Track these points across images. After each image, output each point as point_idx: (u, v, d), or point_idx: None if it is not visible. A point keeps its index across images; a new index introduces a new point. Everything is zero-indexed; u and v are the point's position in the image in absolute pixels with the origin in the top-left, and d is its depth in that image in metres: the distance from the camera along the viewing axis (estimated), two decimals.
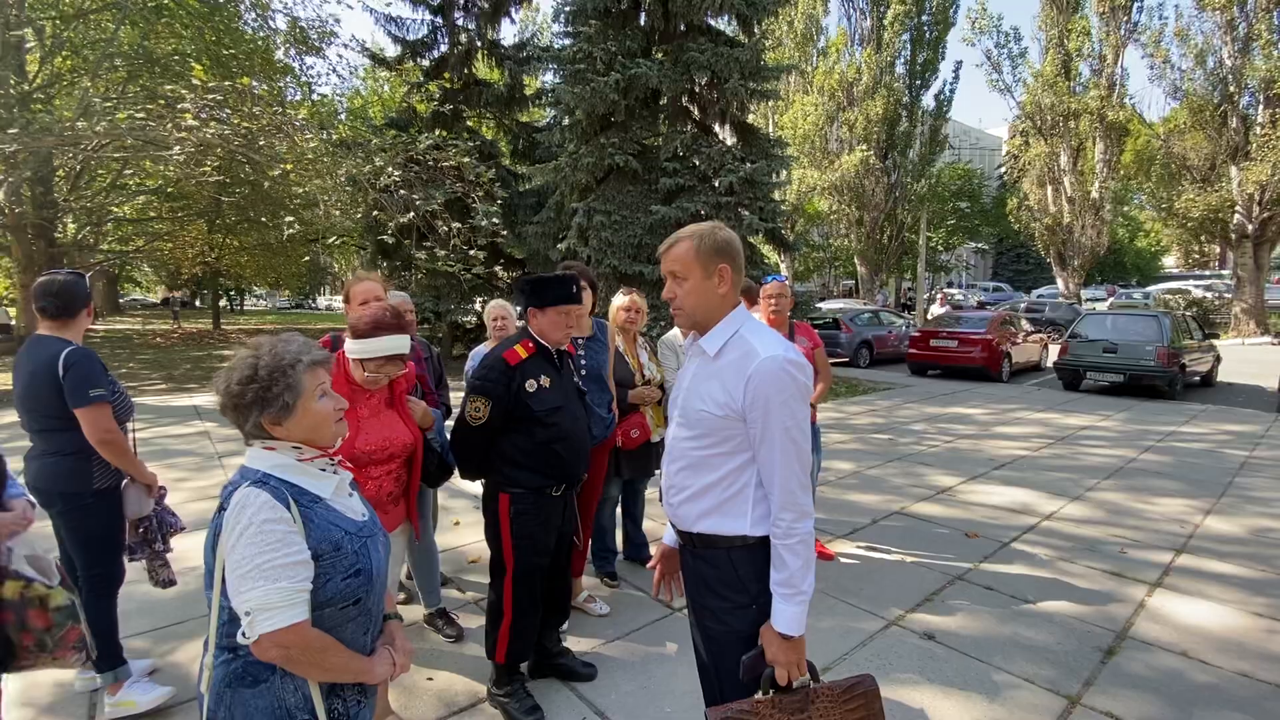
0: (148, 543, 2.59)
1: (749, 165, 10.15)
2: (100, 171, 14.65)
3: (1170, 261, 44.66)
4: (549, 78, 15.58)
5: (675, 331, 3.79)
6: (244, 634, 1.16)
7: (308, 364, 1.27)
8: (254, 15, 13.68)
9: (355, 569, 1.25)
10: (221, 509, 1.21)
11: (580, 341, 3.13)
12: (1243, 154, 18.93)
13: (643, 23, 10.74)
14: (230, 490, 1.22)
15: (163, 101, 8.81)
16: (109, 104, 9.46)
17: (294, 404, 1.25)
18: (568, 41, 11.17)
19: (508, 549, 2.39)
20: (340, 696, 1.28)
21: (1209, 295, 24.15)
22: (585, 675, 2.68)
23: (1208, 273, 32.93)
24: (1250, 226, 19.29)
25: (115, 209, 16.78)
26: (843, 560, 3.95)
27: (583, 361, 3.10)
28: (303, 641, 1.16)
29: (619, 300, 3.55)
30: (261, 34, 13.74)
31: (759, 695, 1.44)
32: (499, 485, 2.40)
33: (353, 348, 2.15)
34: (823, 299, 23.80)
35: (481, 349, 3.52)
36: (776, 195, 11.51)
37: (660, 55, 10.49)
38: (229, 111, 8.59)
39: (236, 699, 1.20)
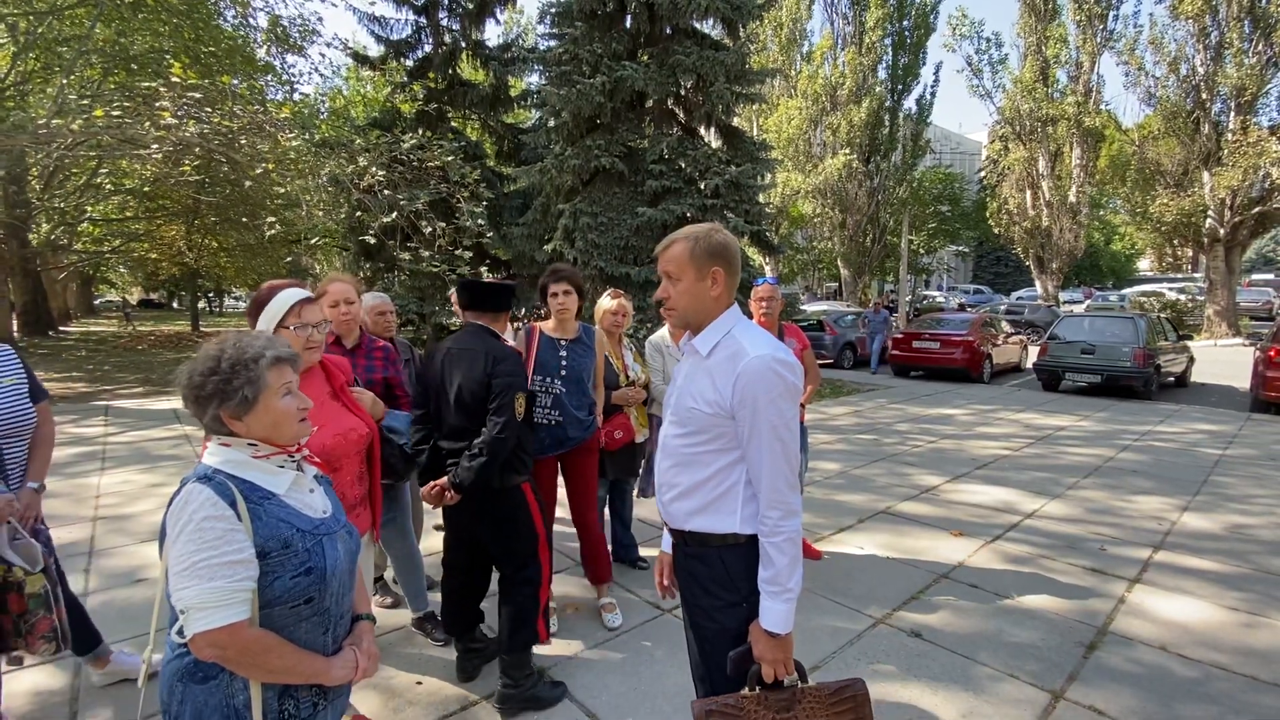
0: None
1: (734, 168, 10.19)
2: (75, 171, 14.37)
3: (1145, 265, 45.58)
4: (534, 79, 15.54)
5: (663, 332, 3.79)
6: (179, 632, 1.16)
7: (271, 359, 1.26)
8: (234, 13, 13.52)
9: (305, 567, 1.23)
10: (170, 503, 1.20)
11: (563, 343, 3.10)
12: (1215, 159, 19.37)
13: (628, 25, 10.74)
14: (181, 485, 1.21)
15: (140, 99, 8.67)
16: (85, 101, 9.28)
17: (254, 399, 1.23)
18: (553, 43, 11.15)
19: (539, 522, 2.60)
20: (293, 698, 1.25)
21: (1183, 298, 24.66)
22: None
23: (1181, 276, 33.62)
24: (1222, 231, 19.74)
25: (90, 208, 16.47)
26: (830, 559, 3.98)
27: (564, 363, 3.06)
28: (239, 642, 1.14)
29: (606, 303, 3.54)
30: (242, 32, 13.57)
31: (745, 691, 1.45)
32: (517, 476, 2.52)
33: (267, 320, 1.92)
34: (805, 302, 23.98)
35: None
36: (761, 198, 11.57)
37: (646, 58, 10.50)
38: (209, 110, 8.46)
39: (188, 694, 1.19)
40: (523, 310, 13.32)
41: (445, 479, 2.41)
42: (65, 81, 10.21)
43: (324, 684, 1.28)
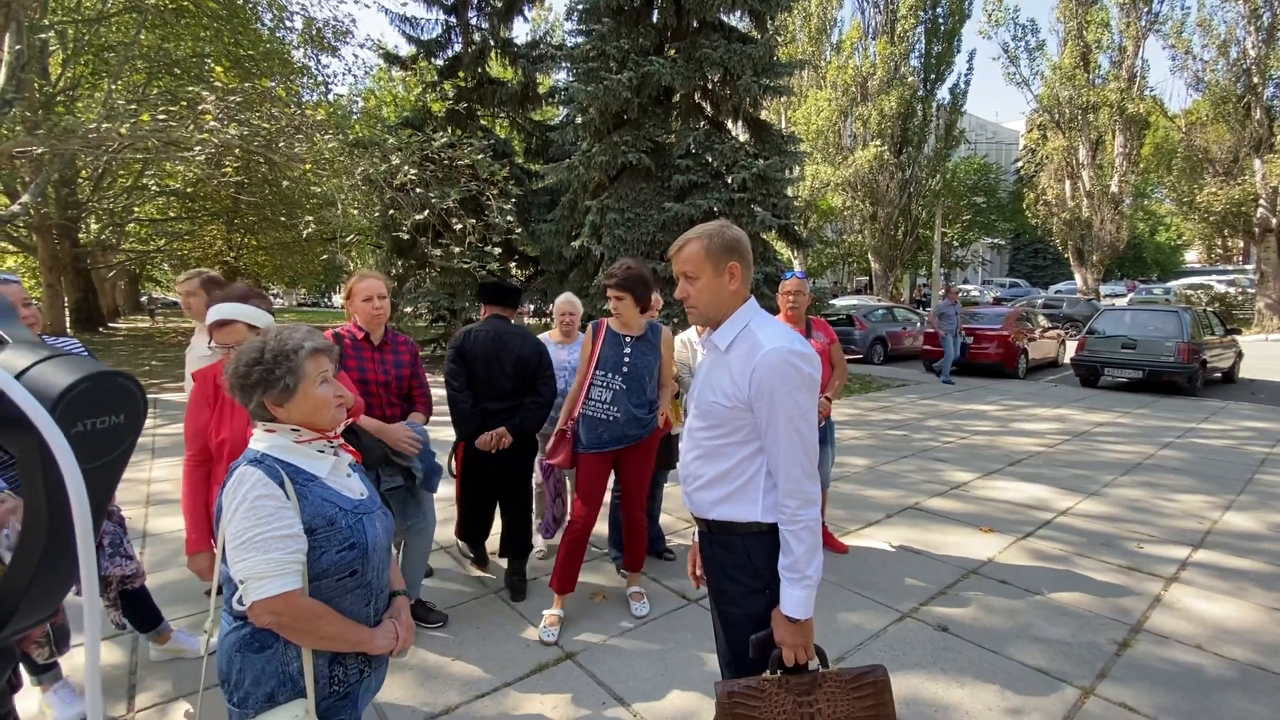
0: None
1: (762, 161, 10.15)
2: (122, 173, 14.93)
3: (1192, 256, 43.93)
4: (562, 76, 15.65)
5: (691, 329, 3.84)
6: (238, 601, 1.25)
7: (310, 350, 1.35)
8: (271, 16, 13.88)
9: (350, 542, 1.32)
10: (224, 486, 1.30)
11: (628, 340, 3.08)
12: (1266, 146, 18.60)
13: (655, 20, 10.75)
14: (233, 470, 1.31)
15: (184, 103, 8.99)
16: (132, 106, 9.65)
17: (295, 387, 1.32)
18: (581, 39, 11.21)
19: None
20: (342, 665, 1.35)
21: (1232, 290, 23.74)
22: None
23: (1230, 268, 32.35)
24: (1274, 220, 18.95)
25: (137, 209, 17.10)
26: (856, 553, 3.97)
27: (626, 359, 3.05)
28: (293, 609, 1.23)
29: None
30: (279, 35, 13.92)
31: (767, 674, 1.49)
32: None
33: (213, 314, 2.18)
34: (835, 296, 23.69)
35: (545, 336, 3.84)
36: (789, 191, 11.50)
37: (673, 52, 10.50)
38: (249, 113, 8.74)
39: (246, 663, 1.29)
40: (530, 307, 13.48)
41: (503, 429, 3.19)
42: (113, 86, 10.63)
43: (368, 652, 1.37)
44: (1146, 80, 22.72)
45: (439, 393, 3.16)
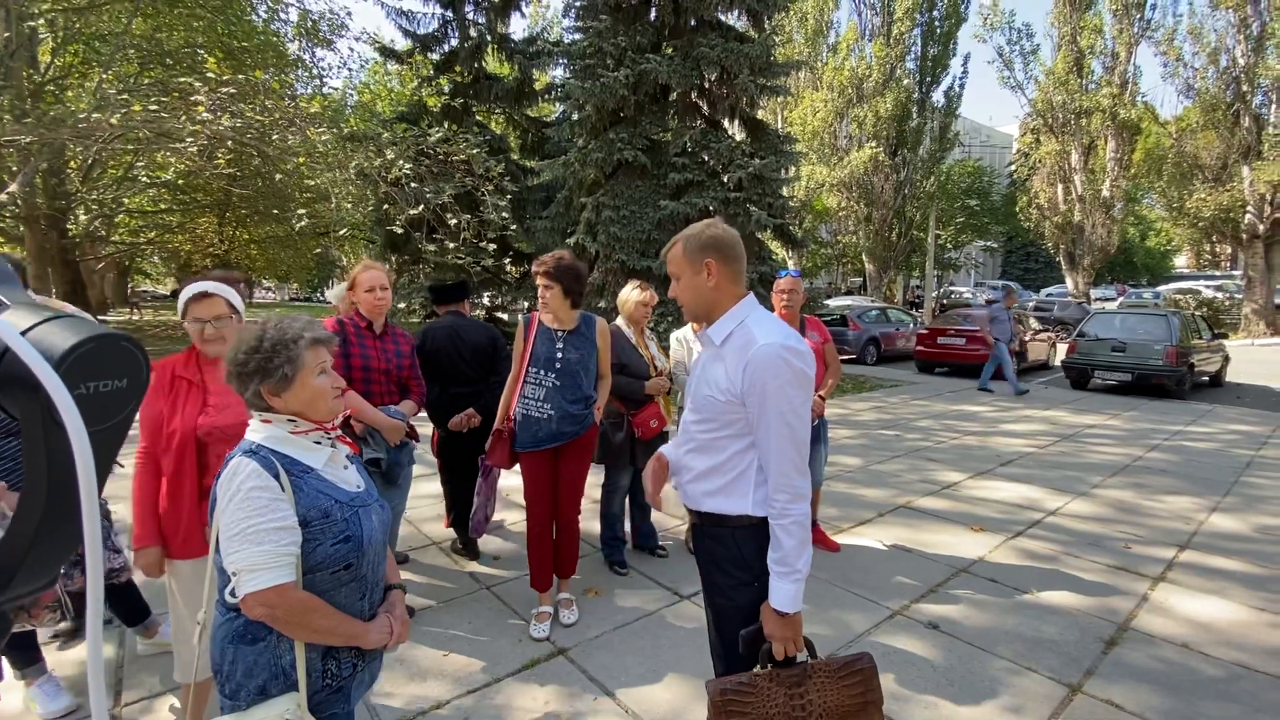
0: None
1: (758, 161, 10.15)
2: (112, 164, 14.77)
3: (1181, 261, 44.33)
4: (558, 73, 15.59)
5: (687, 327, 3.85)
6: (231, 593, 1.24)
7: (309, 340, 1.34)
8: (265, 8, 13.78)
9: (345, 535, 1.31)
10: (218, 477, 1.29)
11: (560, 334, 2.97)
12: (1255, 154, 18.79)
13: (653, 18, 10.73)
14: (228, 460, 1.29)
15: (176, 94, 8.90)
16: (123, 96, 9.55)
17: (293, 376, 1.31)
18: (578, 36, 11.18)
19: None
20: (335, 659, 1.34)
21: (1220, 295, 23.98)
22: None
23: (1219, 273, 32.68)
24: (1261, 227, 19.15)
25: (127, 201, 16.93)
26: (848, 551, 3.99)
27: (559, 355, 2.95)
28: (286, 602, 1.22)
29: (635, 295, 3.59)
30: (273, 26, 13.82)
31: (757, 669, 1.50)
32: None
33: (180, 311, 2.11)
34: (829, 296, 23.76)
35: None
36: (785, 191, 11.53)
37: (670, 50, 10.48)
38: (242, 105, 8.66)
39: (239, 655, 1.27)
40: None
41: (471, 410, 3.49)
42: (104, 76, 10.52)
43: (362, 646, 1.35)
44: (1139, 86, 22.92)
45: None
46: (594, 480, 4.16)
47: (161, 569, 2.01)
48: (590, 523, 3.80)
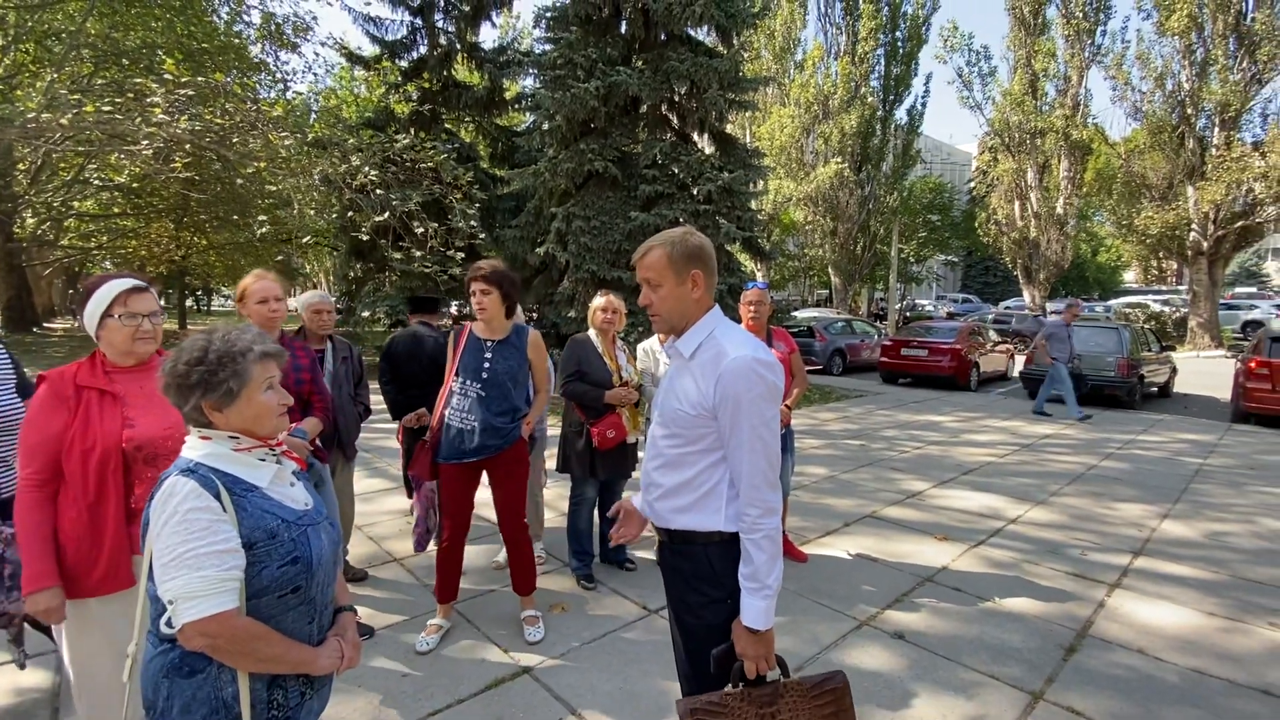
0: None
1: (727, 174, 10.26)
2: (63, 166, 14.23)
3: (1130, 276, 46.11)
4: (529, 83, 15.58)
5: (654, 338, 3.83)
6: (167, 623, 1.15)
7: (258, 354, 1.27)
8: (227, 9, 13.47)
9: (293, 556, 1.23)
10: (151, 499, 1.20)
11: (489, 344, 2.92)
12: (1199, 174, 19.66)
13: (624, 31, 10.81)
14: (163, 480, 1.20)
15: (131, 95, 8.61)
16: (75, 96, 9.21)
17: (238, 391, 1.24)
18: (549, 47, 11.18)
19: None
20: (282, 688, 1.25)
21: (1167, 310, 24.99)
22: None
23: (1165, 288, 34.07)
24: (1205, 244, 20.03)
25: (77, 204, 16.31)
26: (815, 562, 4.01)
27: (486, 365, 2.89)
28: (229, 630, 1.14)
29: (596, 301, 3.58)
30: (235, 28, 13.52)
31: (729, 688, 1.47)
32: None
33: (92, 309, 1.77)
34: (796, 308, 24.10)
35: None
36: (753, 205, 11.67)
37: (640, 63, 10.56)
38: (201, 107, 8.42)
39: (175, 689, 1.18)
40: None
41: (422, 409, 3.66)
42: (56, 75, 10.13)
43: (311, 673, 1.28)
44: (1090, 108, 23.84)
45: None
46: (561, 492, 4.10)
47: (63, 613, 1.71)
48: (560, 536, 3.74)
